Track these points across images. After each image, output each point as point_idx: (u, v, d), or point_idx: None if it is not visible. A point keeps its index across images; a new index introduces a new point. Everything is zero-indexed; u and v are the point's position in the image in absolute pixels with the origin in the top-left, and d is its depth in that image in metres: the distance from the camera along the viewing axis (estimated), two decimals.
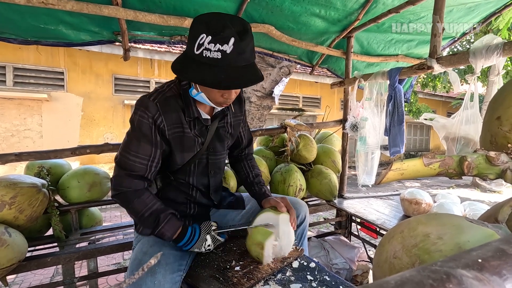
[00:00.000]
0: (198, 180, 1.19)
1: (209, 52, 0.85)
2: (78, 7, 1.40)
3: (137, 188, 1.00)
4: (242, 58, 0.88)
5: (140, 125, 0.98)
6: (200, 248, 1.03)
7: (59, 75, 6.25)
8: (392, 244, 0.51)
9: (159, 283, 0.90)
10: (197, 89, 0.99)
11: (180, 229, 1.01)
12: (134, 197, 0.99)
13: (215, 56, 0.85)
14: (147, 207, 0.99)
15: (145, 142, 0.99)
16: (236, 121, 1.23)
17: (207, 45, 0.85)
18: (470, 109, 1.42)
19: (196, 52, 0.87)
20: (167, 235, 0.99)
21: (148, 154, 1.00)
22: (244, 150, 1.39)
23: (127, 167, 0.99)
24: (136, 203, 0.99)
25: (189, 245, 1.03)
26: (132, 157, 0.99)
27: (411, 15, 2.02)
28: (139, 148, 0.99)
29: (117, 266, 2.78)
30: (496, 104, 0.65)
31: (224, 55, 0.85)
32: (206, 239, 1.03)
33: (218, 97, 0.98)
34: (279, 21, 1.90)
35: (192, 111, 1.04)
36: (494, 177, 0.56)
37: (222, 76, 0.86)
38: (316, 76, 8.96)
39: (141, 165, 0.99)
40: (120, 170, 1.00)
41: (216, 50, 0.84)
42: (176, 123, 1.03)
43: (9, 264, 1.23)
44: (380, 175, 0.59)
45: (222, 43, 0.84)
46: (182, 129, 1.05)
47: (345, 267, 2.02)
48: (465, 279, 0.21)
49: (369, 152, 2.09)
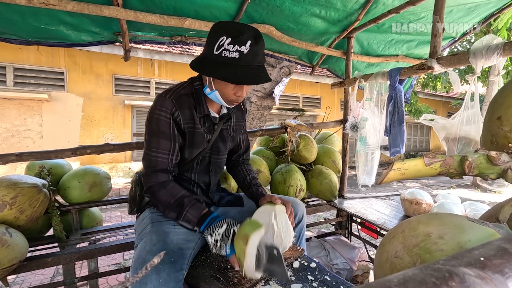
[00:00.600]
0: (200, 177, 1.25)
1: (228, 52, 0.96)
2: (79, 8, 1.40)
3: (162, 181, 1.09)
4: (256, 59, 1.00)
5: (158, 122, 1.07)
6: (212, 235, 0.99)
7: (59, 75, 6.25)
8: (393, 244, 0.51)
9: (164, 281, 0.91)
10: (211, 88, 1.08)
11: (205, 212, 1.05)
12: (160, 188, 1.08)
13: (233, 55, 0.96)
14: (172, 195, 1.07)
15: (163, 138, 1.08)
16: (237, 126, 1.33)
17: (226, 46, 0.96)
18: (470, 109, 1.42)
19: (215, 53, 0.98)
20: (192, 220, 1.04)
21: (167, 149, 1.09)
22: (242, 156, 1.45)
23: (151, 164, 1.09)
24: (162, 193, 1.07)
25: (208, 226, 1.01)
26: (154, 153, 1.09)
27: (411, 15, 2.02)
28: (159, 144, 1.08)
29: (117, 266, 2.77)
30: (497, 104, 0.65)
31: (241, 55, 0.96)
32: (222, 226, 1.02)
33: (231, 94, 1.07)
34: (279, 22, 1.90)
35: (203, 109, 1.14)
36: (495, 177, 0.56)
37: (239, 73, 0.98)
38: (316, 77, 8.96)
39: (162, 159, 1.09)
40: (147, 168, 1.10)
41: (235, 50, 0.96)
42: (189, 118, 1.12)
43: (10, 264, 1.23)
44: (381, 175, 0.59)
45: (240, 44, 0.96)
46: (193, 125, 1.14)
47: (345, 267, 2.02)
48: (468, 277, 0.21)
49: (369, 152, 2.09)
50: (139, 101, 6.97)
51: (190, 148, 1.16)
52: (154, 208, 1.23)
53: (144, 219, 1.20)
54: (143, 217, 1.22)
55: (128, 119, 7.07)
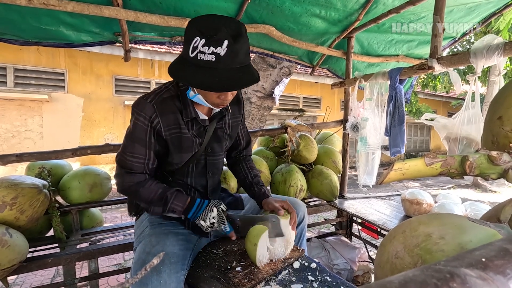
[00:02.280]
0: (197, 181, 1.21)
1: (203, 55, 0.86)
2: (79, 8, 1.40)
3: (139, 180, 1.07)
4: (236, 61, 0.89)
5: (135, 127, 1.04)
6: (205, 220, 1.04)
7: (59, 76, 6.26)
8: (394, 244, 0.51)
9: (165, 282, 0.91)
10: (194, 91, 1.02)
11: (189, 200, 1.06)
12: (138, 187, 1.06)
13: (210, 58, 0.86)
14: (153, 191, 1.06)
15: (139, 143, 1.05)
16: (234, 122, 1.25)
17: (201, 48, 0.86)
18: (471, 109, 1.42)
19: (191, 55, 0.88)
20: (177, 209, 1.05)
21: (143, 154, 1.06)
22: (243, 152, 1.41)
23: (126, 166, 1.06)
24: (142, 192, 1.06)
25: (197, 214, 1.06)
26: (129, 157, 1.05)
27: (411, 15, 2.02)
28: (134, 149, 1.05)
29: (118, 266, 2.77)
30: (497, 104, 0.65)
31: (218, 57, 0.86)
32: (212, 210, 1.04)
33: (214, 98, 0.99)
34: (279, 22, 1.90)
35: (190, 112, 1.06)
36: (496, 177, 0.56)
37: (217, 78, 0.88)
38: (317, 77, 8.96)
39: (138, 164, 1.06)
40: (121, 169, 1.08)
41: (210, 53, 0.86)
42: (174, 124, 1.06)
43: (10, 265, 1.23)
44: (381, 175, 0.59)
45: (215, 45, 0.85)
46: (179, 130, 1.07)
47: (346, 268, 2.02)
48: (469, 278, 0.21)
49: (370, 153, 2.09)
50: None
51: (178, 153, 1.10)
52: None
53: (143, 222, 1.20)
54: (142, 219, 1.22)
55: (128, 120, 7.05)
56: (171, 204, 1.05)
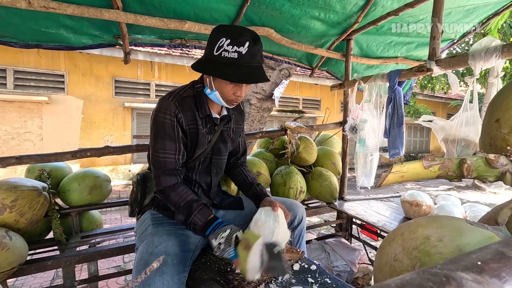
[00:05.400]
0: (201, 178, 1.27)
1: (227, 53, 1.00)
2: (79, 11, 1.41)
3: (173, 183, 1.12)
4: (254, 60, 1.03)
5: (163, 125, 1.11)
6: (216, 237, 1.01)
7: (59, 77, 6.27)
8: (393, 246, 0.51)
9: (168, 283, 0.91)
10: (211, 88, 1.12)
11: (211, 217, 1.08)
12: (171, 191, 1.11)
13: (232, 56, 1.00)
14: (182, 198, 1.10)
15: (169, 139, 1.11)
16: (237, 128, 1.35)
17: (226, 47, 1.00)
18: (469, 111, 1.42)
19: (215, 54, 1.02)
20: (198, 224, 1.07)
21: (173, 149, 1.13)
22: (240, 159, 1.47)
23: (160, 165, 1.12)
24: (173, 195, 1.11)
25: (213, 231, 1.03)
26: (161, 155, 1.12)
27: (410, 17, 2.03)
28: (165, 145, 1.11)
29: (117, 269, 2.77)
30: (495, 106, 0.66)
31: (240, 55, 1.00)
32: (225, 231, 1.03)
33: (230, 94, 1.10)
34: (278, 24, 1.90)
35: (205, 109, 1.17)
36: (494, 180, 0.56)
37: (239, 72, 1.02)
38: (316, 78, 8.97)
39: (170, 159, 1.12)
40: (156, 170, 1.13)
41: (234, 51, 1.00)
42: (192, 120, 1.15)
43: (10, 268, 1.23)
44: (380, 178, 0.60)
45: (239, 45, 1.00)
46: (196, 126, 1.17)
47: (346, 270, 2.02)
48: (465, 282, 0.22)
49: (368, 154, 2.09)
50: (139, 104, 6.97)
51: (193, 148, 1.19)
52: (154, 210, 1.23)
53: (145, 221, 1.21)
54: (144, 218, 1.23)
55: (128, 122, 7.07)
56: (194, 216, 1.07)
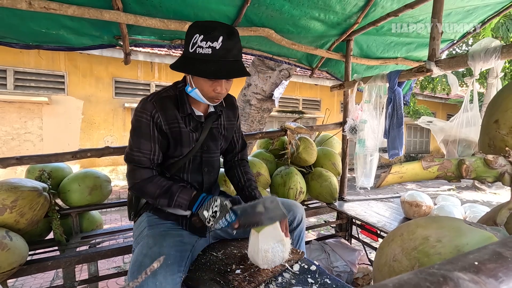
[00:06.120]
0: (193, 177, 1.25)
1: (201, 49, 1.00)
2: (80, 12, 1.41)
3: (148, 176, 1.13)
4: (230, 54, 1.02)
5: (139, 124, 1.11)
6: (208, 210, 1.04)
7: (59, 78, 6.27)
8: (392, 247, 0.52)
9: (161, 285, 0.91)
10: (191, 86, 1.11)
11: (194, 193, 1.10)
12: (146, 183, 1.12)
13: (206, 52, 0.99)
14: (160, 186, 1.11)
15: (144, 139, 1.11)
16: (229, 125, 1.33)
17: (199, 43, 1.00)
18: (470, 111, 1.42)
19: (191, 51, 1.02)
20: (183, 203, 1.08)
21: (149, 149, 1.12)
22: (237, 155, 1.43)
23: (134, 161, 1.12)
24: (149, 187, 1.11)
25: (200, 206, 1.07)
26: (136, 153, 1.12)
27: (409, 18, 2.03)
28: (140, 144, 1.11)
29: (117, 269, 2.77)
30: (494, 107, 0.66)
31: (214, 50, 0.99)
32: (216, 200, 1.06)
33: (210, 91, 1.09)
34: (278, 25, 1.91)
35: (186, 108, 1.16)
36: (492, 180, 0.56)
37: (212, 68, 1.00)
38: (316, 79, 8.97)
39: (145, 158, 1.12)
40: (130, 165, 1.13)
41: (207, 46, 0.99)
42: (172, 119, 1.14)
43: (10, 268, 1.23)
44: (379, 178, 0.60)
45: (212, 40, 0.99)
46: (178, 125, 1.15)
47: (346, 270, 2.02)
48: (462, 282, 0.22)
49: (368, 155, 2.09)
50: None
51: (179, 146, 1.18)
52: (151, 212, 1.23)
53: (141, 223, 1.21)
54: (140, 221, 1.23)
55: (128, 122, 7.06)
56: (177, 197, 1.08)
